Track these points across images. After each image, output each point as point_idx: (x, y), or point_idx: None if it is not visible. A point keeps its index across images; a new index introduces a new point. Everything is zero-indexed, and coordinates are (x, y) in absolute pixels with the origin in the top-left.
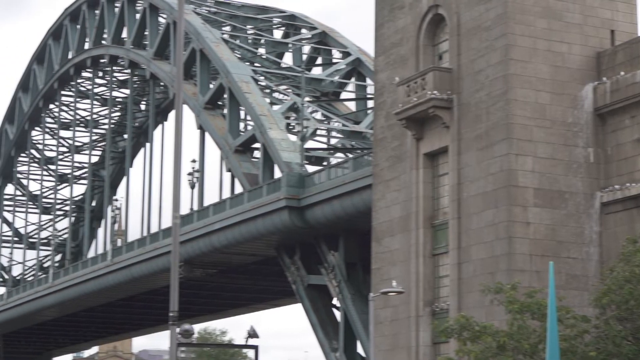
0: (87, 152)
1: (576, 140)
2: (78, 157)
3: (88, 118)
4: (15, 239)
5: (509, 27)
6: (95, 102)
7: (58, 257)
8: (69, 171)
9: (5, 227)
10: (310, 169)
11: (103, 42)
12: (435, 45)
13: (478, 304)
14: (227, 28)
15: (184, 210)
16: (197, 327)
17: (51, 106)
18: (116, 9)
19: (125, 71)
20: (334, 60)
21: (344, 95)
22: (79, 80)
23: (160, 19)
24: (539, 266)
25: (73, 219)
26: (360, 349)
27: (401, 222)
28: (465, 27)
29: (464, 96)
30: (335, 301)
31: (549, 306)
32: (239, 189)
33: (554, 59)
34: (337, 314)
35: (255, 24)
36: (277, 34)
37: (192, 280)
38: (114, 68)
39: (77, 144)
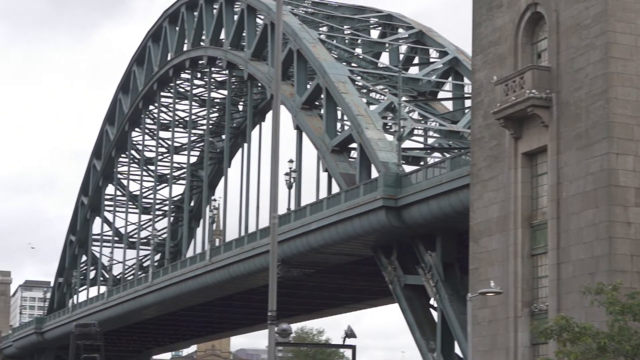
0: (185, 152)
1: None
2: (177, 158)
3: (187, 119)
4: (116, 238)
5: (609, 24)
6: (193, 103)
7: (157, 257)
8: (168, 171)
9: (105, 227)
10: (407, 168)
11: (201, 43)
12: (533, 44)
13: (577, 305)
14: (324, 28)
15: (282, 210)
16: (295, 327)
17: (151, 107)
18: (214, 11)
19: (223, 72)
20: (431, 60)
21: (441, 95)
22: (177, 82)
23: (258, 20)
24: None
25: (172, 218)
26: (457, 350)
27: (499, 222)
28: (565, 25)
29: (563, 95)
30: (432, 301)
31: None
32: (335, 189)
33: None
34: (435, 314)
35: (352, 24)
36: (374, 34)
37: (289, 279)
38: (212, 69)
39: (176, 144)
